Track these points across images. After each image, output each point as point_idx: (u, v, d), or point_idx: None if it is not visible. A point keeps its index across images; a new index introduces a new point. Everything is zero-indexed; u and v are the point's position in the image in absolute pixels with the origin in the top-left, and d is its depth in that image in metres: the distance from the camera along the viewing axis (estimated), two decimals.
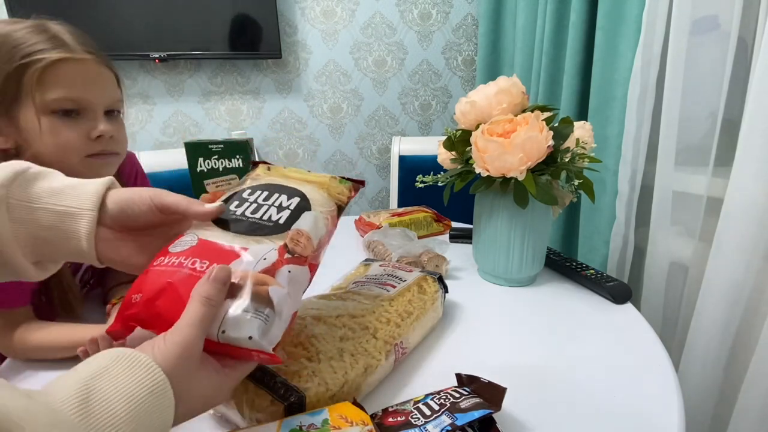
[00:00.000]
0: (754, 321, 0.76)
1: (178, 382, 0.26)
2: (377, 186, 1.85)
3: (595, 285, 0.64)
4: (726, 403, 0.81)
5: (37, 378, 0.47)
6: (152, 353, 0.26)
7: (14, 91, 0.48)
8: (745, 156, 0.72)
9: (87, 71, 0.51)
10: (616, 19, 1.01)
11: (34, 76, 0.48)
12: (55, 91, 0.49)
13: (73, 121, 0.51)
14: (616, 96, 1.01)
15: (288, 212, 0.36)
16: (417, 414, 0.35)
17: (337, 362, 0.39)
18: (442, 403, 0.36)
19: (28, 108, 0.48)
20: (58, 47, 0.49)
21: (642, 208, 1.02)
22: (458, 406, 0.36)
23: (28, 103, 0.48)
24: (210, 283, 0.29)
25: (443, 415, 0.34)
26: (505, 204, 0.62)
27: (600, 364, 0.48)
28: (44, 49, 0.48)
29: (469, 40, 1.74)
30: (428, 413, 0.35)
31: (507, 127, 0.57)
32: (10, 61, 0.47)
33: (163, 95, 1.52)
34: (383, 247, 0.73)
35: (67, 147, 0.50)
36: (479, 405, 0.35)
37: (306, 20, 1.58)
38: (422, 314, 0.50)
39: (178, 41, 1.41)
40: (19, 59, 0.47)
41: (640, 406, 0.41)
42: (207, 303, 0.28)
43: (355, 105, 1.72)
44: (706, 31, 0.86)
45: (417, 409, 0.36)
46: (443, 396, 0.37)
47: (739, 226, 0.73)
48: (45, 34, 0.49)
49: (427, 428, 0.33)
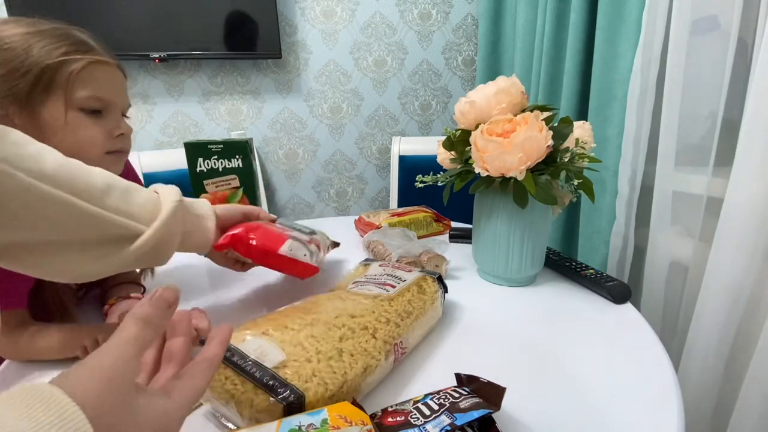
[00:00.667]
0: (754, 321, 0.76)
1: (106, 417, 0.20)
2: (377, 186, 1.85)
3: (595, 285, 0.64)
4: (726, 403, 0.81)
5: (37, 379, 0.47)
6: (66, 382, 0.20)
7: (46, 84, 0.50)
8: (745, 156, 0.72)
9: (114, 76, 0.57)
10: (616, 19, 1.01)
11: (73, 74, 0.51)
12: (87, 90, 0.52)
13: (98, 119, 0.54)
14: (616, 96, 1.01)
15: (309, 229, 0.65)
16: (416, 414, 0.35)
17: (337, 362, 0.39)
18: (442, 403, 0.36)
19: (57, 102, 0.51)
20: (90, 50, 0.53)
21: (642, 208, 1.02)
22: (458, 405, 0.35)
23: (59, 97, 0.51)
24: (152, 303, 0.26)
25: (443, 415, 0.34)
26: (505, 204, 0.62)
27: (599, 364, 0.48)
28: (79, 50, 0.52)
29: (469, 40, 1.74)
30: (428, 413, 0.35)
31: (506, 127, 0.57)
32: (48, 57, 0.50)
33: (163, 95, 1.52)
34: (383, 247, 0.73)
35: (89, 142, 0.54)
36: (479, 405, 0.35)
37: (306, 20, 1.58)
38: (422, 314, 0.50)
39: (178, 41, 1.41)
40: (57, 56, 0.50)
41: (640, 406, 0.41)
42: (144, 324, 0.24)
43: (355, 105, 1.72)
44: (706, 31, 0.86)
45: (416, 409, 0.36)
46: (443, 396, 0.37)
47: (739, 226, 0.73)
48: (74, 37, 0.53)
49: (426, 428, 0.33)
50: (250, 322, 0.42)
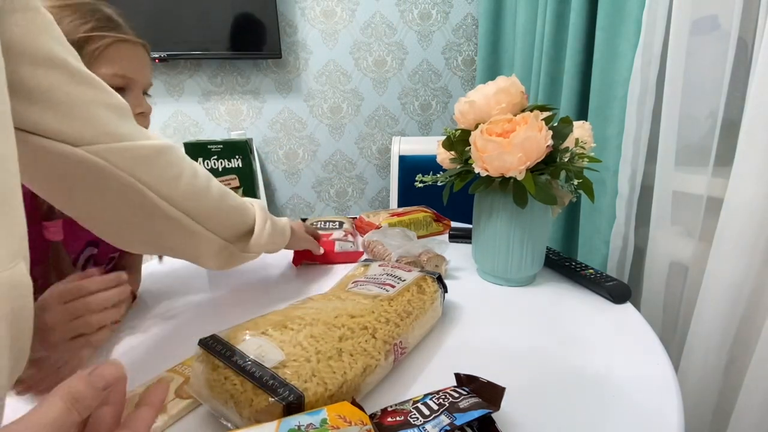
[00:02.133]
0: (754, 321, 0.76)
1: None
2: (377, 186, 1.85)
3: (595, 285, 0.64)
4: (726, 403, 0.81)
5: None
6: None
7: None
8: (745, 156, 0.72)
9: (138, 55, 0.57)
10: (616, 19, 1.00)
11: (97, 51, 0.51)
12: (111, 68, 0.53)
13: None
14: (616, 96, 1.01)
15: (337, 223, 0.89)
16: (416, 413, 0.35)
17: (336, 362, 0.39)
18: (441, 402, 0.36)
19: None
20: (116, 28, 0.53)
21: (642, 208, 1.02)
22: (457, 405, 0.35)
23: None
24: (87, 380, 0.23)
25: (442, 414, 0.34)
26: (505, 204, 0.62)
27: (600, 364, 0.48)
28: (106, 27, 0.52)
29: (469, 40, 1.74)
30: (427, 413, 0.35)
31: (506, 127, 0.57)
32: (75, 32, 0.49)
33: (163, 95, 1.52)
34: (383, 247, 0.73)
35: None
36: (478, 405, 0.35)
37: (306, 20, 1.58)
38: (421, 314, 0.50)
39: (178, 41, 1.41)
40: (83, 32, 0.50)
41: (640, 405, 0.41)
42: (71, 404, 0.22)
43: (355, 105, 1.72)
44: (706, 31, 0.86)
45: (416, 409, 0.36)
46: (442, 396, 0.37)
47: (739, 226, 0.73)
48: (101, 13, 0.53)
49: (425, 428, 0.33)
50: (249, 322, 0.42)
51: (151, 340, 0.54)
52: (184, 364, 0.46)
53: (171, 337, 0.55)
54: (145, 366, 0.48)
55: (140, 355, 0.51)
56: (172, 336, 0.55)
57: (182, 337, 0.54)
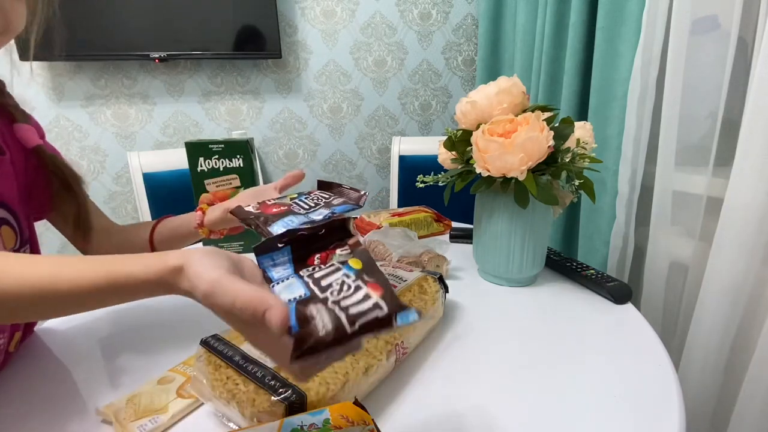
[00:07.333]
0: (754, 321, 0.76)
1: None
2: (377, 186, 1.85)
3: (596, 285, 0.64)
4: (726, 403, 0.81)
5: (42, 375, 0.47)
6: None
7: None
8: (745, 156, 0.72)
9: None
10: (616, 19, 1.01)
11: None
12: None
13: None
14: (616, 96, 1.01)
15: None
16: (297, 206, 0.41)
17: (338, 362, 0.39)
18: (317, 202, 0.43)
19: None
20: None
21: (642, 208, 1.02)
22: (330, 202, 0.43)
23: None
24: None
25: (321, 208, 0.41)
26: (506, 204, 0.62)
27: (600, 364, 0.48)
28: None
29: (469, 40, 1.74)
30: (307, 207, 0.41)
31: (508, 127, 0.57)
32: None
33: (163, 95, 1.51)
34: (383, 247, 0.73)
35: None
36: (345, 202, 0.44)
37: (306, 20, 1.58)
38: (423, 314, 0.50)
39: (178, 41, 1.41)
40: None
41: (640, 405, 0.41)
42: None
43: (355, 105, 1.72)
44: (706, 31, 0.86)
45: (295, 203, 0.42)
46: (313, 197, 0.44)
47: (739, 226, 0.73)
48: None
49: (310, 215, 0.40)
50: None
51: (153, 339, 0.54)
52: (186, 363, 0.46)
53: (172, 336, 0.54)
54: (147, 365, 0.48)
55: (141, 355, 0.51)
56: (173, 335, 0.55)
57: (184, 336, 0.54)
